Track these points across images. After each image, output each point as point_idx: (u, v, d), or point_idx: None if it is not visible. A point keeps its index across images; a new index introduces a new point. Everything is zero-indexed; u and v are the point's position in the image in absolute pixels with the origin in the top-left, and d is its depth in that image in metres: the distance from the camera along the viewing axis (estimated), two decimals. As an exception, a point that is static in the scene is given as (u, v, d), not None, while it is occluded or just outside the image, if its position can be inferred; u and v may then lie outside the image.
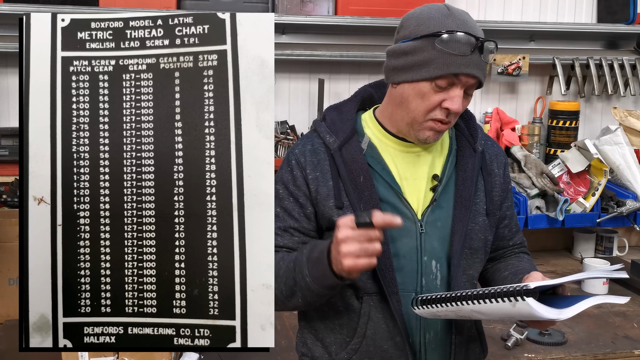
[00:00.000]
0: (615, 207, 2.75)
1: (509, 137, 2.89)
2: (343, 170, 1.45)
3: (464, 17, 1.41)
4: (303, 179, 1.48)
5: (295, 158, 1.50)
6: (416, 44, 1.38)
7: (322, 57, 2.79)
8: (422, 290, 1.45)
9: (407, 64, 1.40)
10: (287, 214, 1.48)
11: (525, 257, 1.68)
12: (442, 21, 1.37)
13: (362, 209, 1.42)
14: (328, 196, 1.46)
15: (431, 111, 1.41)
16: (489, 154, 1.58)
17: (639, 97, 3.21)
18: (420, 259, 1.45)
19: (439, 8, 1.41)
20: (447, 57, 1.35)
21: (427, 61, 1.37)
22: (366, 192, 1.44)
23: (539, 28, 3.02)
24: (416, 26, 1.40)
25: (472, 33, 1.37)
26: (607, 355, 2.06)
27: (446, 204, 1.49)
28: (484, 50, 1.37)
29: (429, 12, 1.41)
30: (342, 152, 1.47)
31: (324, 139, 1.50)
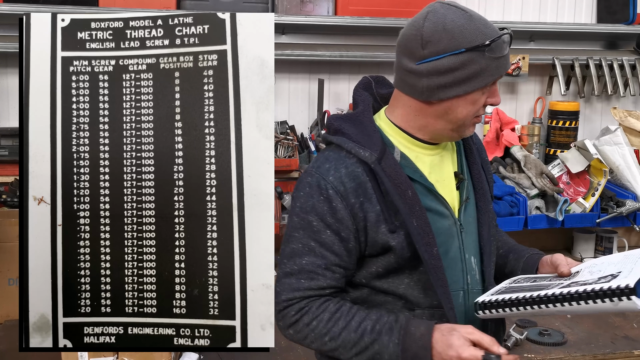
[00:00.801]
0: (614, 207, 2.75)
1: (509, 138, 2.89)
2: (389, 187, 1.36)
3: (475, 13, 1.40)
4: (346, 209, 1.36)
5: (332, 187, 1.36)
6: (463, 58, 1.34)
7: (322, 57, 2.79)
8: (469, 288, 1.44)
9: (457, 79, 1.36)
10: (326, 249, 1.36)
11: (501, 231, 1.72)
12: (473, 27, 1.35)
13: (416, 224, 1.36)
14: (378, 221, 1.37)
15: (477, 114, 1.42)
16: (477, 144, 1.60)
17: (638, 97, 3.21)
18: (463, 258, 1.45)
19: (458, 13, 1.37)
20: (496, 61, 1.35)
21: (480, 71, 1.35)
22: (417, 206, 1.37)
23: (538, 28, 3.02)
24: (451, 39, 1.34)
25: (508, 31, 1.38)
26: (607, 356, 2.05)
27: (471, 199, 1.50)
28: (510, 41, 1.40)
29: (453, 20, 1.36)
30: (382, 166, 1.37)
31: (358, 154, 1.38)
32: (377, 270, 1.42)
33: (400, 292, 1.42)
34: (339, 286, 1.41)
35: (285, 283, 1.28)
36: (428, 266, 1.36)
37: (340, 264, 1.38)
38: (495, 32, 1.36)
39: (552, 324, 2.21)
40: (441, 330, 1.30)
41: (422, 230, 1.37)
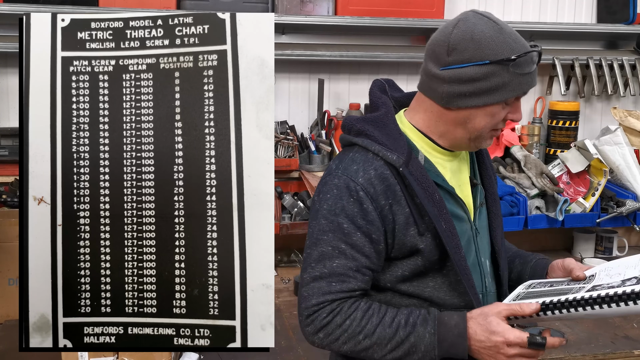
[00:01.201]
0: (615, 207, 2.75)
1: (509, 137, 2.89)
2: (418, 189, 1.36)
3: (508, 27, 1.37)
4: (376, 211, 1.36)
5: (363, 189, 1.35)
6: (487, 69, 1.33)
7: (322, 57, 2.79)
8: (486, 291, 1.45)
9: (477, 90, 1.35)
10: (357, 252, 1.35)
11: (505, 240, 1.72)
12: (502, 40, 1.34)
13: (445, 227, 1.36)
14: (407, 224, 1.37)
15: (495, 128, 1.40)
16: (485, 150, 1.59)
17: (638, 97, 3.21)
18: (480, 261, 1.46)
19: (488, 24, 1.36)
20: (520, 77, 1.34)
21: (502, 85, 1.34)
22: (444, 209, 1.38)
23: (538, 28, 3.02)
24: (477, 49, 1.34)
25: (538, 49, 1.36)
26: (607, 356, 2.05)
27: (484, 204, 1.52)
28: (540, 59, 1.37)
29: (482, 30, 1.35)
30: (410, 169, 1.37)
31: (385, 157, 1.37)
32: (403, 273, 1.41)
33: (426, 295, 1.42)
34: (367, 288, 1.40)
35: (314, 287, 1.28)
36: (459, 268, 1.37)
37: (370, 266, 1.38)
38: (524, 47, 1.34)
39: (552, 324, 2.21)
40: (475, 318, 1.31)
41: (450, 232, 1.38)
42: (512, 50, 1.33)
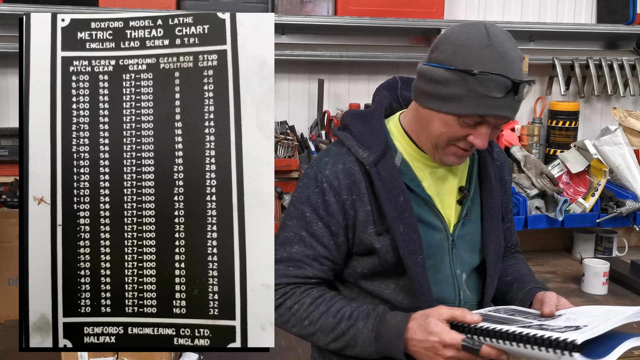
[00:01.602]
0: (614, 207, 2.75)
1: (509, 138, 2.89)
2: (381, 190, 1.36)
3: (505, 47, 1.28)
4: (338, 204, 1.38)
5: (327, 181, 1.39)
6: (448, 75, 1.29)
7: (321, 57, 2.79)
8: (461, 303, 1.44)
9: (436, 93, 1.31)
10: (316, 241, 1.39)
11: (520, 257, 1.68)
12: (480, 54, 1.27)
13: (403, 231, 1.36)
14: (367, 222, 1.38)
15: (455, 141, 1.35)
16: (500, 162, 1.57)
17: (638, 97, 3.21)
18: (454, 273, 1.44)
19: (480, 34, 1.28)
20: (478, 97, 1.26)
21: (458, 97, 1.28)
22: (406, 213, 1.36)
23: (538, 28, 3.02)
24: (452, 53, 1.29)
25: (508, 75, 1.26)
26: (607, 356, 2.05)
27: (474, 216, 1.48)
28: (519, 92, 1.27)
29: (468, 37, 1.29)
30: (378, 168, 1.37)
31: (357, 154, 1.39)
32: (362, 271, 1.43)
33: (385, 297, 1.43)
34: (326, 278, 1.43)
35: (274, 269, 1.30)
36: (411, 273, 1.37)
37: (328, 256, 1.40)
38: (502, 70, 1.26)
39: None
40: (416, 319, 1.29)
41: (409, 237, 1.36)
42: (483, 66, 1.25)
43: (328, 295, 1.40)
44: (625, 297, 2.51)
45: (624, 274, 2.63)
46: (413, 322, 1.29)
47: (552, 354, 1.15)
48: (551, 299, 1.36)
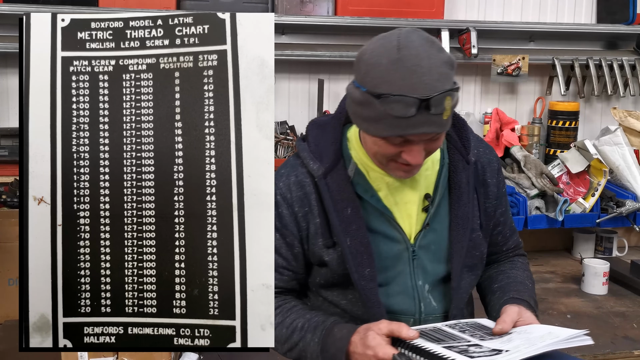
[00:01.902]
0: (614, 207, 2.76)
1: (509, 138, 2.89)
2: (329, 203, 1.36)
3: (416, 58, 1.21)
4: (291, 216, 1.40)
5: (280, 193, 1.41)
6: (362, 97, 1.25)
7: (321, 57, 2.79)
8: (422, 315, 1.42)
9: (359, 114, 1.29)
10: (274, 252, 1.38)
11: (519, 261, 1.62)
12: (387, 73, 1.21)
13: (349, 244, 1.35)
14: (317, 234, 1.40)
15: (392, 159, 1.32)
16: (482, 163, 1.50)
17: (638, 97, 3.21)
18: (415, 284, 1.42)
19: (389, 49, 1.22)
20: (391, 118, 1.22)
21: (374, 119, 1.25)
22: (354, 225, 1.35)
23: (538, 28, 3.02)
24: (364, 73, 1.25)
25: (415, 92, 1.19)
26: (607, 356, 2.05)
27: (440, 225, 1.43)
28: (432, 106, 1.20)
29: (378, 55, 1.23)
30: (327, 180, 1.37)
31: (308, 165, 1.40)
32: (320, 281, 1.45)
33: (342, 307, 1.43)
34: (288, 287, 1.45)
35: None
36: (357, 286, 1.37)
37: (287, 267, 1.43)
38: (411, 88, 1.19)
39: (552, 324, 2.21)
40: (359, 332, 1.29)
41: (356, 249, 1.35)
42: (388, 87, 1.20)
43: (287, 306, 1.42)
44: (625, 297, 2.51)
45: (624, 274, 2.63)
46: (355, 336, 1.29)
47: None
48: (508, 315, 1.32)
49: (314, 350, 1.34)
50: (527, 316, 1.34)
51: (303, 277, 1.48)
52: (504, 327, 1.29)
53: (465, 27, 2.83)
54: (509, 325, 1.29)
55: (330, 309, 1.46)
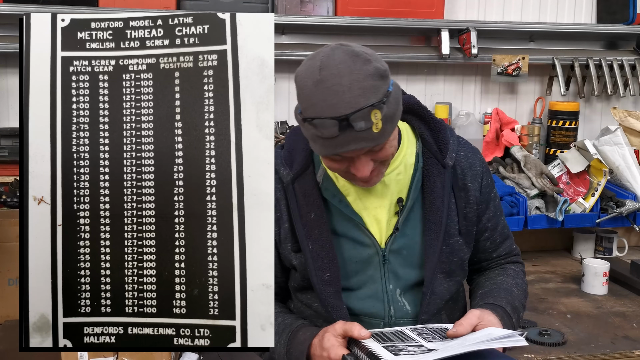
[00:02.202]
0: (614, 207, 2.76)
1: (509, 138, 2.89)
2: (294, 208, 1.39)
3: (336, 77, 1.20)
4: None
5: None
6: (299, 119, 1.29)
7: (321, 57, 2.79)
8: (392, 319, 1.42)
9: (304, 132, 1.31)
10: None
11: (511, 268, 1.58)
12: (310, 95, 1.22)
13: (311, 248, 1.37)
14: (286, 239, 1.42)
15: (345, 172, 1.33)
16: (461, 167, 1.46)
17: (638, 97, 3.21)
18: (385, 288, 1.42)
19: (312, 70, 1.23)
20: (321, 139, 1.24)
21: (311, 139, 1.28)
22: (316, 230, 1.37)
23: (538, 28, 3.02)
24: (297, 96, 1.28)
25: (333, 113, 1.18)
26: (607, 356, 2.05)
27: (411, 230, 1.42)
28: (354, 124, 1.19)
29: (304, 77, 1.25)
30: (295, 186, 1.39)
31: (279, 172, 1.43)
32: (293, 284, 1.48)
33: (314, 309, 1.45)
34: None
35: None
36: (316, 290, 1.39)
37: None
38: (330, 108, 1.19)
39: (552, 324, 2.21)
40: (319, 335, 1.32)
41: (317, 254, 1.37)
42: (310, 110, 1.22)
43: None
44: (625, 297, 2.51)
45: (624, 274, 2.63)
46: (316, 338, 1.32)
47: None
48: (466, 318, 1.31)
49: (280, 352, 1.38)
50: (489, 320, 1.32)
51: (282, 280, 1.50)
52: (459, 329, 1.28)
53: (465, 27, 2.83)
54: (465, 327, 1.28)
55: (307, 312, 1.49)
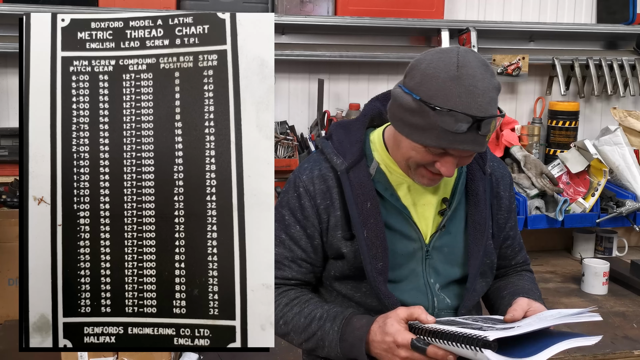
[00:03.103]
0: (614, 207, 2.76)
1: (509, 138, 2.89)
2: (350, 196, 1.40)
3: (474, 78, 1.26)
4: (313, 208, 1.44)
5: (303, 186, 1.45)
6: (414, 104, 1.29)
7: (321, 57, 2.79)
8: (435, 310, 1.45)
9: (404, 119, 1.33)
10: (294, 243, 1.45)
11: (526, 275, 1.65)
12: (444, 87, 1.25)
13: (366, 236, 1.38)
14: (336, 226, 1.43)
15: (424, 164, 1.37)
16: (496, 176, 1.56)
17: (638, 97, 3.21)
18: (427, 281, 1.45)
19: (449, 64, 1.27)
20: (440, 131, 1.27)
21: (422, 127, 1.29)
22: (372, 219, 1.39)
23: (538, 28, 3.02)
24: (419, 83, 1.29)
25: (469, 111, 1.24)
26: (607, 356, 2.06)
27: (455, 229, 1.48)
28: (482, 127, 1.27)
29: (436, 67, 1.28)
30: (349, 175, 1.41)
31: (331, 160, 1.45)
32: (335, 274, 1.48)
33: (356, 300, 1.46)
34: (305, 280, 1.48)
35: None
36: (369, 278, 1.40)
37: (306, 259, 1.46)
38: (465, 107, 1.24)
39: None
40: (378, 321, 1.33)
41: (372, 242, 1.39)
42: (444, 101, 1.25)
43: (304, 297, 1.44)
44: (625, 297, 2.51)
45: (624, 274, 2.63)
46: (375, 325, 1.32)
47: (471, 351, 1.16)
48: (519, 305, 1.34)
49: (333, 338, 1.36)
50: (537, 306, 1.36)
51: (320, 271, 1.50)
52: (515, 314, 1.32)
53: (465, 27, 2.83)
54: (520, 313, 1.32)
55: (344, 303, 1.48)
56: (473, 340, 1.16)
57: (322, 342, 1.38)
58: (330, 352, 1.37)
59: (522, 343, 1.19)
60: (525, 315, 1.33)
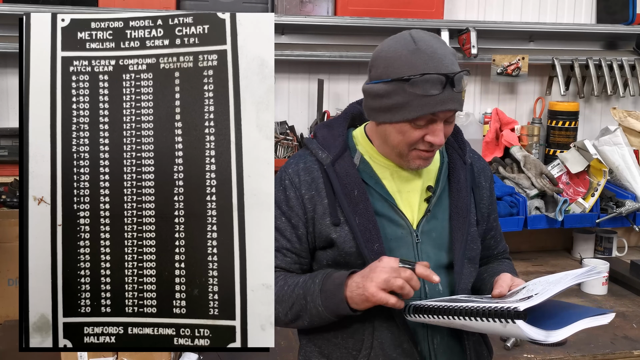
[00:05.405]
0: (614, 207, 2.76)
1: (509, 138, 2.89)
2: (337, 185, 1.47)
3: (432, 47, 1.38)
4: (298, 199, 1.50)
5: (288, 178, 1.51)
6: (388, 87, 1.39)
7: (321, 57, 2.79)
8: (427, 297, 1.47)
9: (383, 106, 1.41)
10: (279, 234, 1.50)
11: (505, 261, 1.73)
12: (410, 61, 1.36)
13: (358, 222, 1.44)
14: (324, 214, 1.48)
15: (414, 144, 1.44)
16: (477, 167, 1.63)
17: (638, 97, 3.21)
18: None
19: (406, 42, 1.39)
20: (420, 99, 1.35)
21: (402, 104, 1.37)
22: (361, 205, 1.46)
23: (538, 28, 3.02)
24: (385, 68, 1.39)
25: (439, 71, 1.35)
26: (607, 356, 2.06)
27: (441, 215, 1.53)
28: (456, 83, 1.36)
29: (396, 49, 1.39)
30: (335, 167, 1.49)
31: (317, 155, 1.52)
32: (327, 263, 1.52)
33: None
34: (290, 270, 1.52)
35: None
36: (367, 261, 1.43)
37: (291, 249, 1.51)
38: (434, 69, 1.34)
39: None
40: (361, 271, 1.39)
41: (364, 227, 1.45)
42: (414, 70, 1.35)
43: (289, 275, 1.49)
44: (625, 297, 2.51)
45: (623, 274, 2.63)
46: (357, 273, 1.39)
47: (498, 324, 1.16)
48: (503, 280, 1.41)
49: (314, 291, 1.41)
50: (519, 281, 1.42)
51: (306, 262, 1.54)
52: (502, 290, 1.38)
53: (465, 27, 2.83)
54: (505, 289, 1.38)
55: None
56: (502, 313, 1.16)
57: (304, 301, 1.42)
58: (312, 309, 1.41)
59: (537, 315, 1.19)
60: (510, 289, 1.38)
